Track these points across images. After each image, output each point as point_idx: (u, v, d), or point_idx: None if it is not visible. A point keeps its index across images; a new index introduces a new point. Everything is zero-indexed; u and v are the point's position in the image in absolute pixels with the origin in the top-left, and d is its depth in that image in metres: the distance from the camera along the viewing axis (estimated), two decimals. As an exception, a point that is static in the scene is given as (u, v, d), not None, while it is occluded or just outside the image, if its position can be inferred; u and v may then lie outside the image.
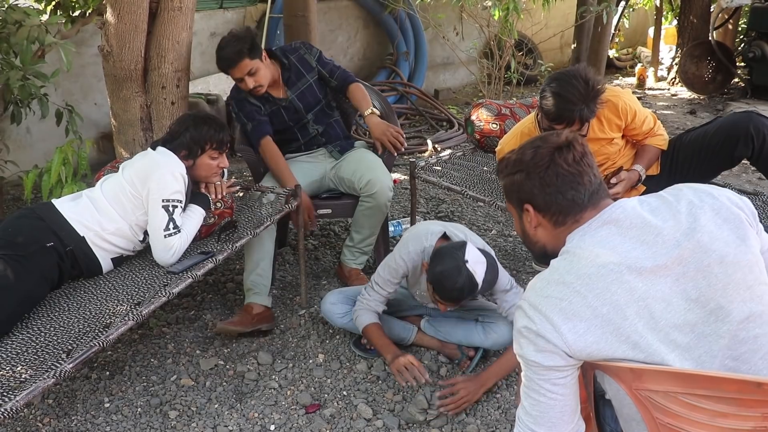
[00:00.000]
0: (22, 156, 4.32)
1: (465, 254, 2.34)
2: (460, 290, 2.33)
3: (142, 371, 2.75)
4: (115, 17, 3.14)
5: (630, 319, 1.32)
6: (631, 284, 1.33)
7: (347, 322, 2.82)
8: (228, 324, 2.90)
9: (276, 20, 5.71)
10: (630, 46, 9.95)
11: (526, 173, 1.52)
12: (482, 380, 2.53)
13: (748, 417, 1.27)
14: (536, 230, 1.57)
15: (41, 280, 2.36)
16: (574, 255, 1.42)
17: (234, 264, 3.62)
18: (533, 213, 1.54)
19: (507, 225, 4.15)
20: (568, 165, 1.48)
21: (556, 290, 1.37)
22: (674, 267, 1.35)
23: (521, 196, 1.55)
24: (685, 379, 1.29)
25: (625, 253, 1.36)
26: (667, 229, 1.38)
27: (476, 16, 6.03)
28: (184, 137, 2.64)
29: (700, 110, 6.99)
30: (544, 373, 1.37)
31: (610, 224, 1.42)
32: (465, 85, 7.61)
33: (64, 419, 2.48)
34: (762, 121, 2.76)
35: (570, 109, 2.56)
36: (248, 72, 3.14)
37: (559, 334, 1.33)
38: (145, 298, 2.34)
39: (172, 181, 2.53)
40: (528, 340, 1.37)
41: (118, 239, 2.55)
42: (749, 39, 7.30)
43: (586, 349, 1.32)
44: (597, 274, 1.35)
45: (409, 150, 5.50)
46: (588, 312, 1.33)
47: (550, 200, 1.49)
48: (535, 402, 1.41)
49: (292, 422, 2.47)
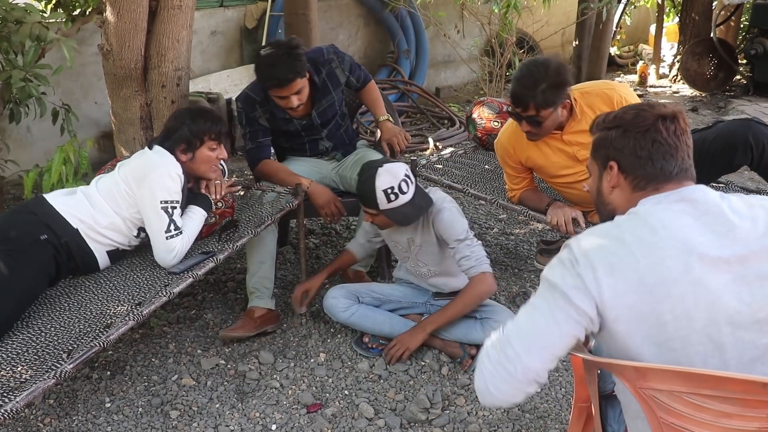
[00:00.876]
0: (23, 155, 4.32)
1: (385, 164, 2.60)
2: (361, 184, 2.61)
3: (143, 371, 2.75)
4: (114, 16, 3.13)
5: (673, 297, 1.30)
6: (689, 266, 1.31)
7: (349, 317, 2.82)
8: (231, 331, 2.88)
9: (277, 18, 5.70)
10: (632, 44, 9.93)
11: (623, 130, 1.50)
12: (420, 327, 2.74)
13: (753, 417, 1.26)
14: (612, 191, 1.55)
15: (38, 274, 2.36)
16: (642, 218, 1.39)
17: (235, 263, 3.62)
18: (616, 172, 1.51)
19: (508, 223, 4.14)
20: (667, 134, 1.45)
21: (612, 244, 1.36)
22: (736, 266, 1.32)
23: (609, 153, 1.52)
24: (690, 378, 1.28)
25: (693, 235, 1.34)
26: (741, 228, 1.35)
27: (477, 14, 6.02)
28: (182, 131, 2.62)
29: (702, 108, 6.98)
30: (562, 305, 1.35)
31: (686, 202, 1.39)
32: (466, 83, 7.59)
33: (65, 419, 2.47)
34: (761, 129, 2.74)
35: (523, 94, 2.66)
36: (297, 91, 2.98)
37: (597, 283, 1.32)
38: (146, 298, 2.34)
39: (169, 182, 2.52)
40: (567, 271, 1.36)
41: (112, 233, 2.55)
42: (751, 36, 7.28)
43: (614, 309, 1.32)
44: (657, 244, 1.33)
45: (411, 148, 5.49)
46: (634, 276, 1.31)
47: (638, 164, 1.47)
48: (531, 321, 1.39)
49: (293, 422, 2.46)
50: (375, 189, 2.56)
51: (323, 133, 3.31)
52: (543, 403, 2.54)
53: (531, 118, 2.71)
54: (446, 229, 2.65)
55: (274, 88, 2.97)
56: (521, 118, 2.75)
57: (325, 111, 3.22)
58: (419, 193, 2.64)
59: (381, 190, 2.55)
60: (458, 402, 2.55)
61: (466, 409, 2.52)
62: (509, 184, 3.08)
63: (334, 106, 3.27)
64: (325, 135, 3.32)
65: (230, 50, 5.88)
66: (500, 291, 3.29)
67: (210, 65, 5.73)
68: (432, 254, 2.77)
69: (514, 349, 1.37)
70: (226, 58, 5.86)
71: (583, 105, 2.79)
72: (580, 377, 1.72)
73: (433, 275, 2.84)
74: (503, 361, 1.38)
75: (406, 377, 2.69)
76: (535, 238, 3.91)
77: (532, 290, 3.28)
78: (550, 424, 2.43)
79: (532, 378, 1.37)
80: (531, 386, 1.38)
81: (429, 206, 2.65)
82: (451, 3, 6.57)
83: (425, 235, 2.74)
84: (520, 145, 2.94)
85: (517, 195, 3.04)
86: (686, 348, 1.31)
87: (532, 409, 2.51)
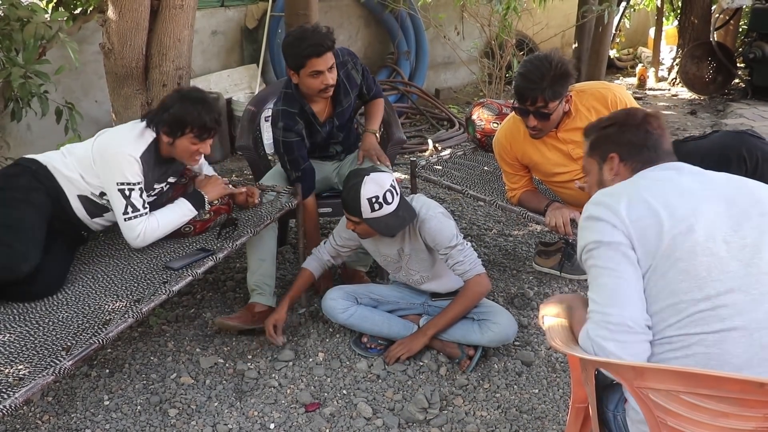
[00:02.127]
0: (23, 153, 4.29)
1: (371, 173, 2.59)
2: (346, 192, 2.60)
3: (141, 369, 2.75)
4: (116, 15, 3.14)
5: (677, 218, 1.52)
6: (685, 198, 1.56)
7: (347, 318, 2.82)
8: (227, 319, 2.90)
9: (277, 19, 5.71)
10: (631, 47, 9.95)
11: (619, 126, 1.81)
12: (421, 332, 2.78)
13: (750, 417, 1.27)
14: (614, 178, 1.79)
15: (29, 192, 2.48)
16: (638, 177, 1.70)
17: (234, 263, 3.62)
18: (617, 162, 1.79)
19: (507, 224, 4.15)
20: (654, 127, 1.77)
21: (617, 189, 1.64)
22: (722, 202, 1.56)
23: (609, 147, 1.80)
24: (687, 378, 1.29)
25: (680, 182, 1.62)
26: (718, 178, 1.65)
27: (477, 16, 6.03)
28: (168, 113, 2.59)
29: (701, 111, 6.99)
30: (605, 252, 1.54)
31: (672, 169, 1.69)
32: (466, 85, 7.60)
33: (63, 417, 2.48)
34: (754, 143, 2.74)
35: (531, 88, 2.67)
36: (331, 66, 2.93)
37: (617, 214, 1.55)
38: (145, 295, 2.34)
39: (125, 164, 2.53)
40: (589, 228, 1.60)
41: (77, 183, 2.60)
42: (750, 40, 7.30)
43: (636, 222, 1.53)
44: (654, 183, 1.63)
45: (410, 149, 5.50)
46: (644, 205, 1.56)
47: (636, 151, 1.75)
48: (602, 288, 1.54)
49: (291, 421, 2.47)
50: (360, 197, 2.55)
51: (340, 138, 3.30)
52: (541, 403, 2.55)
53: (539, 112, 2.72)
54: (434, 238, 2.65)
55: (312, 57, 2.87)
56: (528, 113, 2.75)
57: (343, 112, 3.21)
58: (403, 205, 2.63)
59: (366, 199, 2.55)
60: (456, 402, 2.56)
61: (464, 409, 2.52)
62: (508, 183, 3.09)
63: (350, 108, 3.27)
64: (341, 139, 3.32)
65: (231, 50, 5.89)
66: (498, 292, 3.30)
67: (210, 65, 5.73)
68: (422, 261, 2.78)
69: (615, 313, 1.49)
70: (227, 58, 5.87)
71: (578, 103, 2.81)
72: (577, 378, 1.73)
73: (426, 281, 2.84)
74: (614, 329, 1.48)
75: (404, 377, 2.69)
76: (534, 239, 3.92)
77: (531, 291, 3.29)
78: (547, 425, 2.44)
79: (643, 325, 1.49)
80: (648, 335, 1.50)
81: (412, 218, 2.65)
82: (451, 5, 6.57)
83: (414, 243, 2.74)
84: (517, 141, 2.96)
85: (517, 195, 3.05)
86: (692, 258, 1.47)
87: (529, 410, 2.52)
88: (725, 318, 1.43)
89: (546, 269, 3.47)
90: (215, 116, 2.64)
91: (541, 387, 2.65)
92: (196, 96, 2.67)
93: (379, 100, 3.38)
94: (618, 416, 1.62)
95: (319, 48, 2.86)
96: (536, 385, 2.66)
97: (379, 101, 3.38)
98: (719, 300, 1.44)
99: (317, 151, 3.31)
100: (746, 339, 1.42)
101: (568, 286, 3.39)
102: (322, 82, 2.94)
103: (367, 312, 2.86)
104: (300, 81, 2.98)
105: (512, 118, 3.03)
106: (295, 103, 3.06)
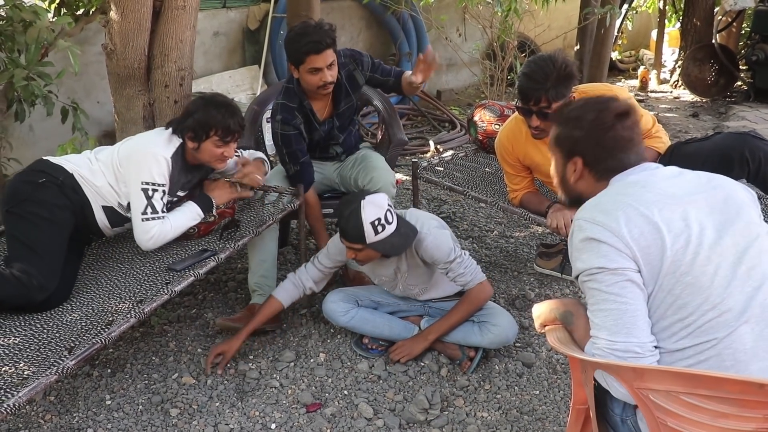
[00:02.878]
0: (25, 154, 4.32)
1: (366, 198, 2.52)
2: (345, 220, 2.50)
3: (143, 369, 2.76)
4: (118, 15, 3.15)
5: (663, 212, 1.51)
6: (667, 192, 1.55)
7: (348, 321, 2.82)
8: (229, 320, 2.90)
9: (279, 20, 5.72)
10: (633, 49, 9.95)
11: (585, 132, 1.68)
12: (422, 336, 2.77)
13: (750, 418, 1.28)
14: (578, 182, 1.74)
15: (54, 210, 2.46)
16: (620, 187, 1.62)
17: (235, 263, 3.63)
18: (581, 167, 1.71)
19: (508, 226, 4.15)
20: (623, 131, 1.65)
21: (608, 205, 1.55)
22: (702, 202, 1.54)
23: (574, 150, 1.71)
24: (687, 379, 1.29)
25: (662, 187, 1.57)
26: (690, 177, 1.62)
27: (479, 18, 6.03)
28: (192, 119, 2.62)
29: (703, 113, 6.99)
30: (610, 278, 1.48)
31: (646, 171, 1.63)
32: (467, 87, 7.60)
33: (65, 416, 2.48)
34: (757, 144, 2.75)
35: (535, 88, 2.66)
36: (330, 63, 2.93)
37: (620, 236, 1.48)
38: (147, 295, 2.35)
39: (154, 164, 2.54)
40: (591, 252, 1.52)
41: (103, 192, 2.59)
42: (752, 42, 7.29)
43: (639, 240, 1.48)
44: (638, 192, 1.56)
45: (412, 150, 5.51)
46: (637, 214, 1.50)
47: (602, 158, 1.66)
48: (606, 313, 1.49)
49: (293, 421, 2.47)
50: (362, 223, 2.48)
51: (340, 139, 3.31)
52: (541, 405, 2.55)
53: (542, 112, 2.72)
54: (432, 256, 2.62)
55: (311, 54, 2.89)
56: (531, 113, 2.75)
57: (344, 113, 3.21)
58: (402, 222, 2.60)
59: (368, 223, 2.48)
60: (457, 403, 2.56)
61: (465, 410, 2.53)
62: (510, 184, 3.10)
63: (352, 110, 3.27)
64: (341, 141, 3.32)
65: (232, 51, 5.89)
66: (499, 294, 3.30)
67: (212, 66, 5.74)
68: (420, 275, 2.77)
69: (620, 340, 1.46)
70: (228, 59, 5.88)
71: None
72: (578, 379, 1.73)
73: (425, 292, 2.84)
74: (622, 356, 1.45)
75: (405, 378, 2.70)
76: (535, 241, 3.92)
77: (532, 293, 3.29)
78: (548, 426, 2.44)
79: (650, 348, 1.47)
80: (655, 356, 1.47)
81: (415, 234, 2.60)
82: (453, 6, 6.58)
83: (410, 259, 2.72)
84: (518, 142, 2.97)
85: (518, 197, 3.06)
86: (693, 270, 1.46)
87: (530, 411, 2.52)
88: (731, 321, 1.44)
89: (547, 271, 3.47)
90: (239, 119, 2.69)
91: (541, 388, 2.65)
92: (220, 100, 2.71)
93: (404, 74, 3.22)
94: (628, 420, 1.62)
95: (318, 45, 2.87)
96: (537, 386, 2.67)
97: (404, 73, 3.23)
98: (723, 305, 1.44)
99: (317, 151, 3.31)
100: (751, 332, 1.43)
101: (569, 287, 3.39)
102: (321, 79, 2.94)
103: (368, 314, 2.86)
104: (300, 76, 3.00)
105: (514, 119, 3.03)
106: (295, 98, 3.07)
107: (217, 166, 2.77)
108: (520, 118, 2.97)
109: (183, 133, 2.63)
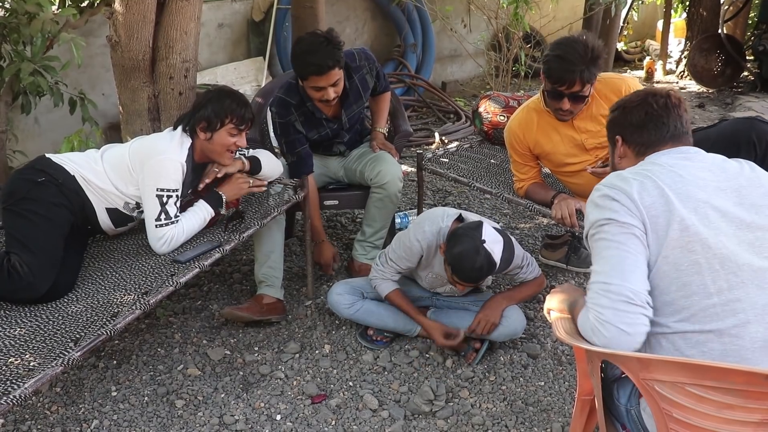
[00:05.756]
0: (31, 146, 4.33)
1: (482, 234, 2.40)
2: (479, 270, 2.38)
3: (149, 360, 2.77)
4: (123, 7, 3.14)
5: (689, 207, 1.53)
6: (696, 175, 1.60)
7: (353, 313, 2.83)
8: (236, 309, 2.91)
9: (284, 11, 5.70)
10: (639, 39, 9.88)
11: (621, 109, 1.83)
12: (497, 304, 2.73)
13: (755, 409, 1.27)
14: (621, 161, 1.84)
15: (51, 208, 2.45)
16: (649, 162, 1.70)
17: (241, 255, 3.63)
18: (620, 144, 1.83)
19: (513, 218, 4.15)
20: (657, 106, 1.75)
21: (629, 173, 1.64)
22: (733, 194, 1.57)
23: (615, 130, 1.85)
24: (693, 369, 1.29)
25: (692, 171, 1.61)
26: (731, 167, 1.64)
27: (484, 8, 6.01)
28: (206, 109, 2.62)
29: (709, 104, 6.95)
30: (617, 229, 1.54)
31: (683, 155, 1.68)
32: (473, 78, 7.57)
33: (71, 407, 2.50)
34: (764, 128, 2.73)
35: (571, 70, 2.64)
36: (334, 82, 2.92)
37: (631, 199, 1.55)
38: (153, 287, 2.35)
39: (170, 169, 2.53)
40: (603, 207, 1.59)
41: (107, 195, 2.59)
42: (759, 32, 7.23)
43: (649, 208, 1.53)
44: (665, 170, 1.62)
45: (417, 142, 5.49)
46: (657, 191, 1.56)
47: (636, 132, 1.77)
48: (606, 259, 1.54)
49: (298, 412, 2.48)
50: (495, 264, 2.40)
51: (345, 138, 3.31)
52: (546, 396, 2.55)
53: (574, 95, 2.70)
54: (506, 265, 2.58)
55: (313, 75, 2.89)
56: (563, 96, 2.73)
57: (354, 116, 3.23)
58: (490, 233, 2.47)
59: (501, 259, 2.42)
60: (462, 394, 2.57)
61: (470, 401, 2.53)
62: (516, 174, 3.08)
63: (362, 111, 3.28)
64: (346, 140, 3.33)
65: (237, 43, 5.88)
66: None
67: (217, 57, 5.73)
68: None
69: (616, 282, 1.49)
70: (233, 51, 5.86)
71: (593, 92, 2.80)
72: (583, 370, 1.73)
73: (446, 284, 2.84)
74: (614, 298, 1.47)
75: (410, 369, 2.70)
76: (540, 232, 3.91)
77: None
78: (553, 417, 2.44)
79: (644, 299, 1.48)
80: (647, 310, 1.48)
81: (509, 236, 2.55)
82: (458, -3, 6.55)
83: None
84: (530, 131, 2.96)
85: (525, 187, 3.05)
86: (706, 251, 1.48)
87: (535, 402, 2.52)
88: (739, 312, 1.43)
89: (552, 262, 3.47)
90: (250, 109, 2.70)
91: (546, 379, 2.65)
92: (229, 90, 2.73)
93: (386, 95, 3.38)
94: (632, 410, 1.62)
95: (320, 68, 2.86)
96: (542, 377, 2.67)
97: (386, 96, 3.39)
98: (732, 294, 1.44)
99: (321, 148, 3.32)
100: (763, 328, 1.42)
101: (574, 279, 3.39)
102: (323, 96, 2.96)
103: (373, 306, 2.86)
104: (304, 85, 3.02)
105: (525, 108, 3.02)
106: (295, 95, 3.08)
107: (225, 161, 2.75)
108: (531, 107, 2.95)
109: (195, 125, 2.62)
